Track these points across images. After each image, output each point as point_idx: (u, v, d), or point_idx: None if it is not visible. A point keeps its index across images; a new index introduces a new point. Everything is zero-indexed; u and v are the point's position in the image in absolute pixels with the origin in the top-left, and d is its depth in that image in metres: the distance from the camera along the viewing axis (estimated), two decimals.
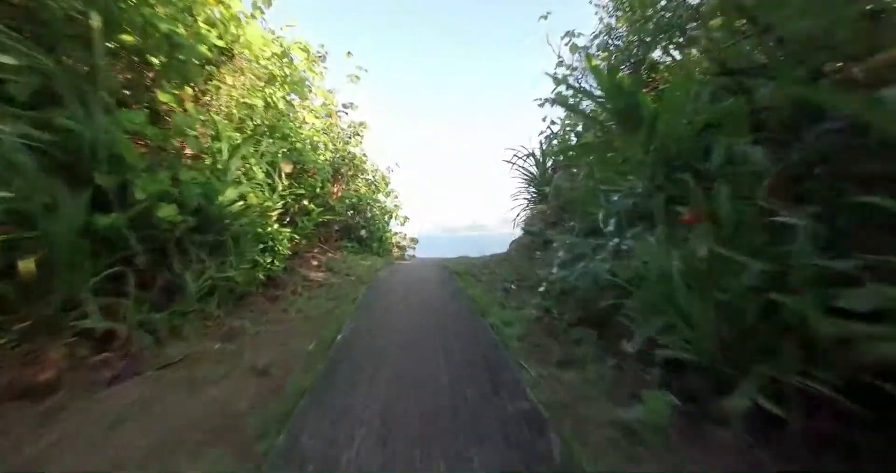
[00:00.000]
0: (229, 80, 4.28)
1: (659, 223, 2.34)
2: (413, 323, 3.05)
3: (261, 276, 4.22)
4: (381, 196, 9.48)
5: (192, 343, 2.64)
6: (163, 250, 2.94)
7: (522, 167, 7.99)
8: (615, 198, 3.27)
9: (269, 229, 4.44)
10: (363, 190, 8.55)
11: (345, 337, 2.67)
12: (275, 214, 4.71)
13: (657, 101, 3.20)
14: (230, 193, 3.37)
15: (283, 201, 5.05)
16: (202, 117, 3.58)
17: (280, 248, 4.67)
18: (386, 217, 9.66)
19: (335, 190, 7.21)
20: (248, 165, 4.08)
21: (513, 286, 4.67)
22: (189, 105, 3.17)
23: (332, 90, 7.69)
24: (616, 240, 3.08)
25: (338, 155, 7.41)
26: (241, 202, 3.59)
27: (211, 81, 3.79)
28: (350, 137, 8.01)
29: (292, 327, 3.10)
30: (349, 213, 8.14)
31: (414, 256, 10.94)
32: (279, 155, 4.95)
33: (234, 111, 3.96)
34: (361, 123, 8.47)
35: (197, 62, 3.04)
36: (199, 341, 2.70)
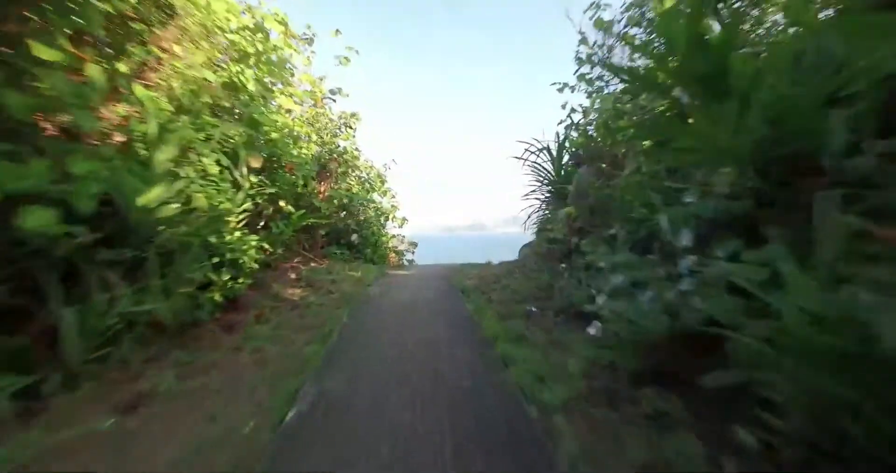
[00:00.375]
0: (178, 50, 3.36)
1: (826, 240, 1.42)
2: (405, 378, 2.14)
3: (217, 297, 3.32)
4: (376, 196, 8.57)
5: (71, 420, 1.73)
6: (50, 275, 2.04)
7: (535, 163, 7.08)
8: (689, 200, 2.35)
9: (229, 237, 3.53)
10: (356, 189, 7.64)
11: (301, 412, 1.75)
12: (238, 218, 3.80)
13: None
14: (158, 191, 2.46)
15: (251, 203, 4.15)
16: (130, 92, 2.67)
17: (245, 260, 3.76)
18: (382, 219, 8.75)
19: (321, 189, 6.31)
20: (196, 157, 3.16)
21: (534, 309, 3.77)
22: (92, 68, 2.25)
23: (322, 78, 6.80)
24: (692, 259, 2.17)
25: (325, 149, 6.50)
26: (178, 204, 2.67)
27: (144, 44, 2.87)
28: (340, 130, 7.09)
29: (235, 382, 2.19)
30: (341, 214, 7.24)
31: (413, 261, 10.03)
32: (244, 145, 4.04)
33: (176, 85, 3.04)
34: (353, 114, 7.55)
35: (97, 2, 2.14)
36: (85, 414, 1.79)
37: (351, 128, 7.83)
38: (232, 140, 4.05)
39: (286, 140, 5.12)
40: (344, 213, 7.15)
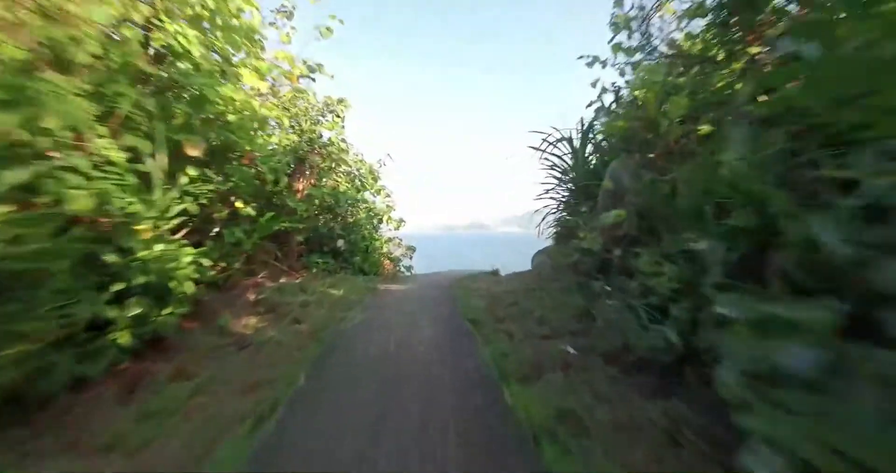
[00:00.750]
0: None
1: None
2: None
3: (124, 340, 2.29)
4: (368, 194, 7.52)
5: None
6: None
7: (553, 155, 6.02)
8: None
9: (144, 252, 2.49)
10: (343, 186, 6.59)
11: None
12: (167, 224, 2.77)
13: None
14: None
15: (193, 203, 3.11)
16: None
17: (176, 283, 2.73)
18: (375, 221, 7.70)
19: (299, 186, 5.26)
20: (76, 134, 2.11)
21: (572, 351, 2.73)
22: None
23: (306, 62, 5.75)
24: None
25: (304, 138, 5.44)
26: (13, 207, 1.62)
27: None
28: (323, 116, 6.04)
29: None
30: (326, 216, 6.20)
31: (412, 268, 8.97)
32: (181, 128, 3.00)
33: (38, 24, 1.98)
34: (341, 100, 6.50)
35: None
36: None
37: (339, 116, 6.79)
38: (167, 119, 3.02)
39: (249, 124, 4.07)
40: (328, 215, 6.11)
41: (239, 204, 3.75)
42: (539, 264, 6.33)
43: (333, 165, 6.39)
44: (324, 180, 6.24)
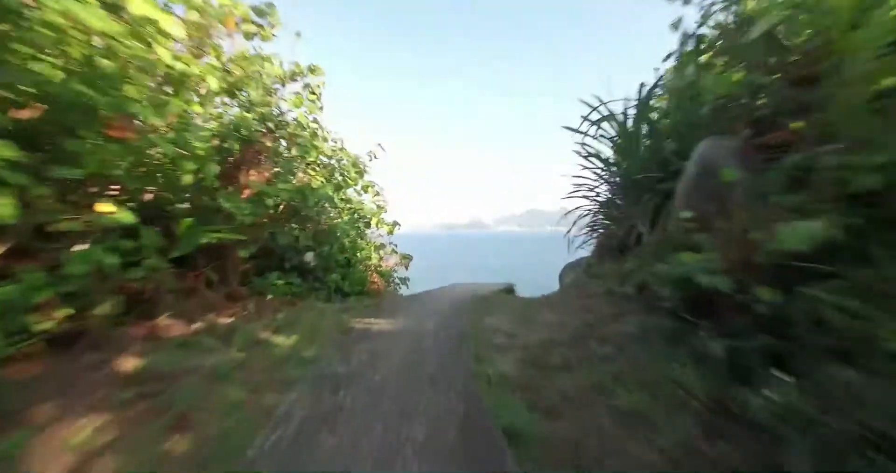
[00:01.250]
0: None
1: None
2: None
3: None
4: (352, 191, 6.00)
5: None
6: None
7: (590, 137, 4.49)
8: None
9: None
10: (317, 182, 5.05)
11: None
12: None
13: None
14: None
15: None
16: None
17: None
18: (361, 225, 6.17)
19: (244, 181, 3.72)
20: None
21: None
22: None
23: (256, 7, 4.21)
24: None
25: (254, 113, 3.90)
26: None
27: None
28: (283, 86, 4.50)
29: None
30: (290, 222, 4.68)
31: (408, 280, 7.44)
32: None
33: None
34: (312, 68, 4.97)
35: None
36: None
37: (314, 94, 5.26)
38: None
39: (139, 78, 2.54)
40: (293, 220, 4.57)
41: (105, 206, 2.22)
42: (573, 284, 4.77)
43: (304, 155, 4.85)
44: (291, 172, 4.70)
